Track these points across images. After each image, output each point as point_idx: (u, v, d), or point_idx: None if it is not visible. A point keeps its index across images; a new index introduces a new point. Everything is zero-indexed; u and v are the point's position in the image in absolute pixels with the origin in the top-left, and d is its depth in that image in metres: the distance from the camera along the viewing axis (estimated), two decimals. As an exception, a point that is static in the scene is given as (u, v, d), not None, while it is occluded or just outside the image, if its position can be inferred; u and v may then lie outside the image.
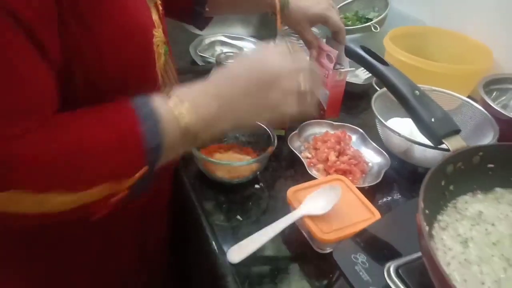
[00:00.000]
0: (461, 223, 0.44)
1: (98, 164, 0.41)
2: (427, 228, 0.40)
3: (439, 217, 0.44)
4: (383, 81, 0.53)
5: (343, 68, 0.82)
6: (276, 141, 0.72)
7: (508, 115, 0.73)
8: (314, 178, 0.71)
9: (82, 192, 0.40)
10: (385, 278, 0.44)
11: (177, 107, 0.45)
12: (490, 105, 0.77)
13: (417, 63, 0.87)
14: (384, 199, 0.72)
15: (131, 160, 0.43)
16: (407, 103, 0.49)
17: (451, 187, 0.46)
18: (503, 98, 0.86)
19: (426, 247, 0.35)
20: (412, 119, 0.49)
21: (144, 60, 0.50)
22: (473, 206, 0.46)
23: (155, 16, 0.54)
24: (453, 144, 0.46)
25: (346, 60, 0.81)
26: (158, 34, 0.52)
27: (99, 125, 0.42)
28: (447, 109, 0.79)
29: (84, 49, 0.42)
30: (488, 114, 0.76)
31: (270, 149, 0.70)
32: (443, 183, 0.45)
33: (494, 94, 0.84)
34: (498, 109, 0.75)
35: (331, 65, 0.81)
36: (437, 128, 0.47)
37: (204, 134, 0.47)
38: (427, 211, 0.42)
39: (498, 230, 0.43)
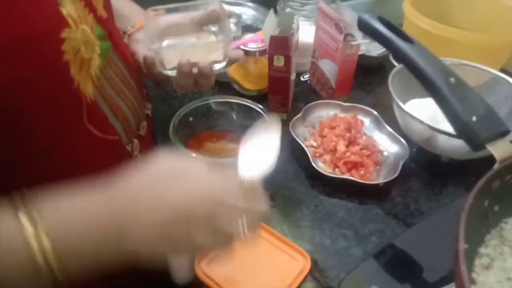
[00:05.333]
0: (509, 256, 0.33)
1: None
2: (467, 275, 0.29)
3: (481, 251, 0.33)
4: (407, 63, 0.41)
5: (355, 40, 0.69)
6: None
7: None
8: (320, 173, 0.61)
9: None
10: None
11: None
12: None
13: (445, 33, 0.74)
14: (400, 198, 0.62)
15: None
16: (439, 94, 0.37)
17: (496, 208, 0.35)
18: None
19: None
20: (445, 115, 0.37)
21: (42, 75, 0.37)
22: (524, 231, 0.35)
23: (71, 10, 0.39)
24: (500, 150, 0.35)
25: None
26: (73, 35, 0.38)
27: None
28: (475, 85, 0.68)
29: None
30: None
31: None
32: (486, 203, 0.34)
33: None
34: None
35: (340, 37, 0.69)
36: (478, 129, 0.35)
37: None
38: (466, 246, 0.32)
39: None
